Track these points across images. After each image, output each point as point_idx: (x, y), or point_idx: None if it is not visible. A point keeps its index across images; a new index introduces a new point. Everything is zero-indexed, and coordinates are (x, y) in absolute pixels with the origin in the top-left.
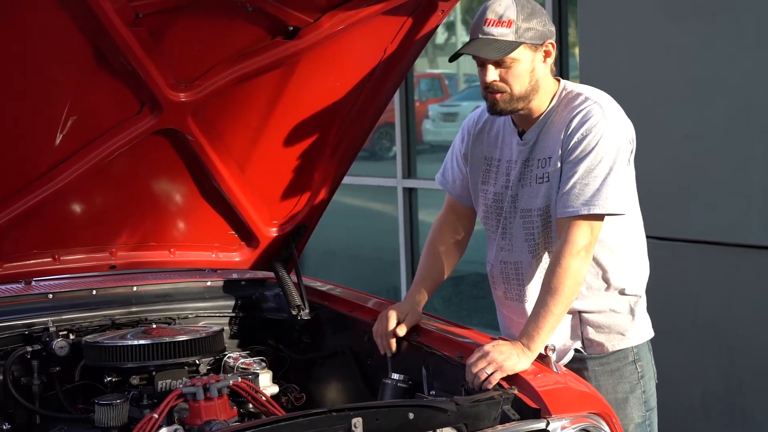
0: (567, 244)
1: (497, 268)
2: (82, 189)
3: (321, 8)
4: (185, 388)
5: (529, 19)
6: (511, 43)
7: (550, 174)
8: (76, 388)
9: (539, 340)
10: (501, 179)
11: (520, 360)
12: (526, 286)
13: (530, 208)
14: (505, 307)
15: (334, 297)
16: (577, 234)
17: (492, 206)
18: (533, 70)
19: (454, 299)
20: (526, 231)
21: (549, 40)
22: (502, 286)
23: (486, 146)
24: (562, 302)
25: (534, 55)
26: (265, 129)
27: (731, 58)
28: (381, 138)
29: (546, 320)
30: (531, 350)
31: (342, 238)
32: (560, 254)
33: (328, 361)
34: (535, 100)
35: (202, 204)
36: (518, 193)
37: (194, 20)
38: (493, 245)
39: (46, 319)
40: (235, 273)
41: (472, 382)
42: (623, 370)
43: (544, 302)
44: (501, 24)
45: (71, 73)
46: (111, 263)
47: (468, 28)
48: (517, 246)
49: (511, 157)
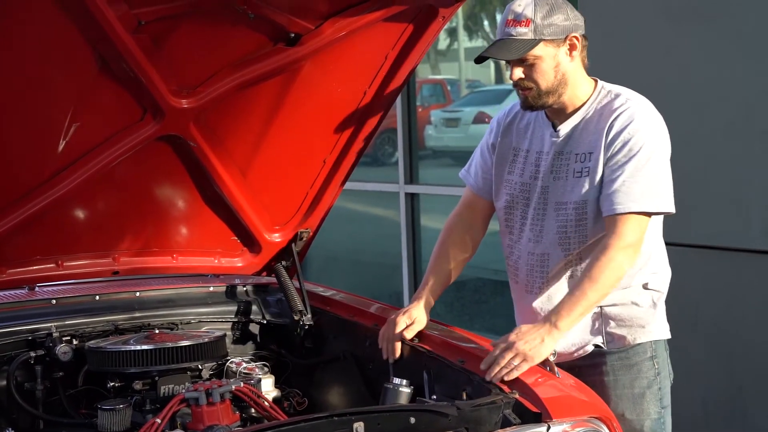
0: (616, 238)
1: (523, 259)
2: (85, 195)
3: (322, 15)
4: (188, 393)
5: (548, 16)
6: (529, 41)
7: (590, 169)
8: (80, 394)
9: (569, 320)
10: (529, 169)
11: (545, 343)
12: (550, 280)
13: (565, 201)
14: (524, 302)
15: (335, 302)
16: (627, 230)
17: (519, 196)
18: (558, 65)
19: (456, 304)
20: (558, 224)
21: (573, 34)
22: (525, 279)
23: (515, 137)
24: (599, 291)
25: (557, 50)
26: (267, 135)
27: (731, 62)
28: (383, 143)
29: (580, 303)
30: (559, 328)
31: (344, 243)
32: (607, 246)
33: (329, 365)
34: (567, 94)
35: (205, 210)
36: (550, 186)
37: (196, 27)
38: (518, 237)
39: (50, 324)
40: (238, 278)
41: (494, 376)
42: (641, 366)
43: (582, 287)
44: (519, 23)
45: (74, 80)
46: (114, 269)
47: (470, 34)
48: (547, 238)
49: (542, 148)
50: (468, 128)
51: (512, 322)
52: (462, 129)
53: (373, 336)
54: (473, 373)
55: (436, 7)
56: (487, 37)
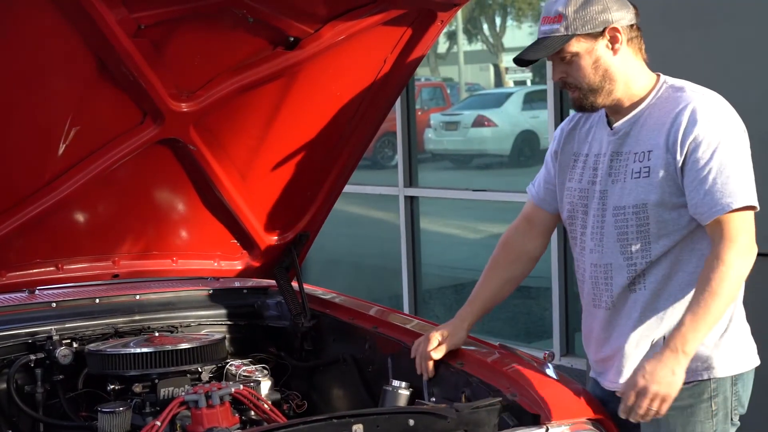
0: (727, 242)
1: (588, 272)
2: (85, 198)
3: (322, 19)
4: (188, 395)
5: (582, 9)
6: (561, 37)
7: (651, 168)
8: (79, 396)
9: (695, 342)
10: (587, 174)
11: (676, 375)
12: (616, 293)
13: (623, 205)
14: (590, 317)
15: (335, 305)
16: (736, 230)
17: (578, 204)
18: (597, 60)
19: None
20: (618, 230)
21: (612, 26)
22: (591, 293)
23: (577, 142)
24: (723, 304)
25: (594, 44)
26: (267, 138)
27: (729, 67)
28: (383, 147)
29: (704, 321)
30: (686, 353)
31: (344, 246)
32: (721, 253)
33: (329, 368)
34: (619, 90)
35: (204, 213)
36: (608, 189)
37: (196, 31)
38: (581, 248)
39: (50, 327)
40: (237, 281)
41: (638, 421)
42: (696, 408)
43: (703, 302)
44: (552, 20)
45: (74, 84)
46: (114, 272)
47: (469, 38)
48: (608, 247)
49: (600, 150)
50: (467, 131)
51: (510, 325)
52: (461, 132)
53: (372, 339)
54: (472, 375)
55: (434, 11)
56: (487, 41)
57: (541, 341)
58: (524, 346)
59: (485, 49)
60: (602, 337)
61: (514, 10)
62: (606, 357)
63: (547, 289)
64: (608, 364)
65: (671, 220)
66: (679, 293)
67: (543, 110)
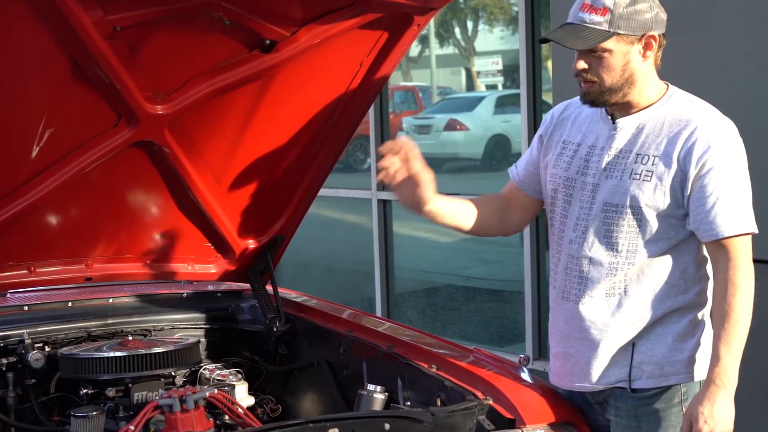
0: (736, 265)
1: (562, 262)
2: (59, 201)
3: (298, 22)
4: (162, 399)
5: (630, 6)
6: (603, 32)
7: (654, 174)
8: (52, 401)
9: (735, 372)
10: (576, 163)
11: (730, 408)
12: (588, 286)
13: (616, 203)
14: (557, 308)
15: (309, 308)
16: (742, 253)
17: (561, 191)
18: (627, 63)
19: (428, 311)
20: (606, 227)
21: (652, 32)
22: (563, 284)
23: (568, 129)
24: (746, 326)
25: (630, 47)
26: (242, 141)
27: (705, 74)
28: (355, 150)
29: (737, 350)
30: (732, 384)
31: (316, 249)
32: (733, 276)
33: (304, 372)
34: (632, 94)
35: (179, 216)
36: (600, 183)
37: (171, 33)
38: (559, 237)
39: (22, 331)
40: (211, 285)
41: None
42: (667, 413)
43: (731, 331)
44: (596, 11)
45: (48, 86)
46: (87, 275)
47: (441, 42)
48: (591, 241)
49: (596, 143)
50: (439, 135)
51: (483, 329)
52: (433, 136)
53: (347, 342)
54: (447, 379)
55: (411, 14)
56: (459, 45)
57: (513, 345)
58: (497, 350)
59: (457, 53)
60: (565, 330)
61: (486, 14)
62: (568, 353)
63: (520, 293)
64: (571, 362)
65: (662, 229)
66: (656, 303)
67: (515, 114)
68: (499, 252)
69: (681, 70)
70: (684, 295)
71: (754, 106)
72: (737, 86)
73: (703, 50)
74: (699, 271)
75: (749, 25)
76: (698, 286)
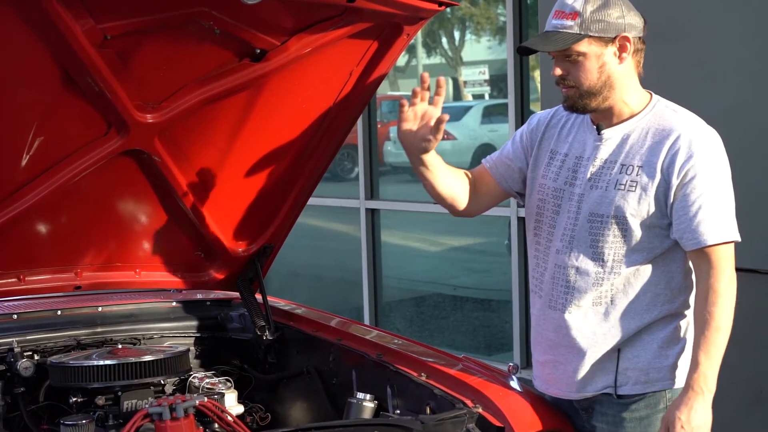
0: (718, 273)
1: (549, 272)
2: (48, 210)
3: (288, 31)
4: (151, 408)
5: (599, 11)
6: (573, 35)
7: (638, 184)
8: (41, 409)
9: (714, 378)
10: (564, 174)
11: (707, 414)
12: (575, 296)
13: (602, 213)
14: (543, 318)
15: (299, 317)
16: (725, 261)
17: (549, 201)
18: (603, 65)
19: (416, 319)
20: (592, 237)
21: (625, 34)
22: (549, 294)
23: (555, 139)
24: (727, 334)
25: (604, 49)
26: (232, 150)
27: (690, 83)
28: (343, 159)
29: (716, 357)
30: (711, 391)
31: (305, 258)
32: (714, 284)
33: (293, 380)
34: (613, 98)
35: (168, 224)
36: (585, 194)
37: (162, 42)
38: (546, 246)
39: (11, 339)
40: (201, 293)
41: None
42: (653, 419)
43: (711, 339)
44: (566, 16)
45: (38, 94)
46: (76, 284)
47: (428, 51)
48: (578, 251)
49: (583, 153)
50: None
51: (470, 338)
52: None
53: (336, 351)
54: (436, 388)
55: (400, 24)
56: (446, 54)
57: (501, 354)
58: (485, 358)
59: (444, 63)
60: (554, 339)
61: (473, 24)
62: (556, 361)
63: (508, 302)
64: (559, 370)
65: (647, 238)
66: (643, 312)
67: (502, 124)
68: (487, 261)
69: (667, 80)
70: (671, 304)
71: (739, 115)
72: (723, 96)
73: (689, 60)
74: (686, 280)
75: (735, 35)
76: (684, 295)
